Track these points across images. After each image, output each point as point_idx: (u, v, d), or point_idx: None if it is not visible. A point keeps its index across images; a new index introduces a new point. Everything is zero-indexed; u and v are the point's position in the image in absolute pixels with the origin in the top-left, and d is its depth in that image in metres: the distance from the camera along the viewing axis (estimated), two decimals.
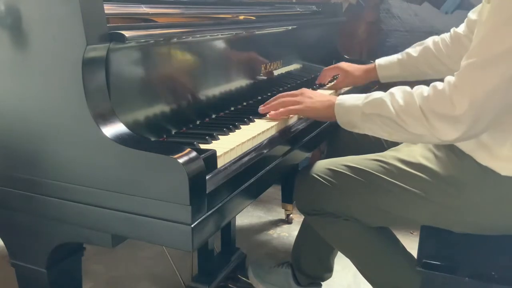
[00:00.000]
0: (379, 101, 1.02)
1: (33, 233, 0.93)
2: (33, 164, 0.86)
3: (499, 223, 1.04)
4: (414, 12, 2.22)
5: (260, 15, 1.54)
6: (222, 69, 1.22)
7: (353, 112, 1.07)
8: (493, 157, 1.00)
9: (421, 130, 0.96)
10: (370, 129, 1.06)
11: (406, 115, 0.97)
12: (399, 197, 1.09)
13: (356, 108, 1.06)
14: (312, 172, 1.20)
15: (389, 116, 1.00)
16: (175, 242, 0.76)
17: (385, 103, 1.00)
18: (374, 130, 1.05)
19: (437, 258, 1.02)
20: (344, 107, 1.09)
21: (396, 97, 0.99)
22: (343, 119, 1.10)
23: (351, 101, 1.08)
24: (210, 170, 0.81)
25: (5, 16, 0.83)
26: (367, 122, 1.05)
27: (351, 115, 1.07)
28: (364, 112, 1.04)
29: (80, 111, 0.78)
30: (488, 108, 0.89)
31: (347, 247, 1.26)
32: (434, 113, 0.93)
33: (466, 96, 0.88)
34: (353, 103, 1.07)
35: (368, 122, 1.04)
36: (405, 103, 0.98)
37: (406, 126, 0.98)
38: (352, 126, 1.09)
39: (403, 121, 0.98)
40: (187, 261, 1.61)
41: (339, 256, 1.38)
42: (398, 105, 0.98)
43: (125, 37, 0.82)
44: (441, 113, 0.92)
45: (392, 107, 0.99)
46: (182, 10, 1.19)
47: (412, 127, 0.97)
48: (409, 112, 0.97)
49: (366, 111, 1.04)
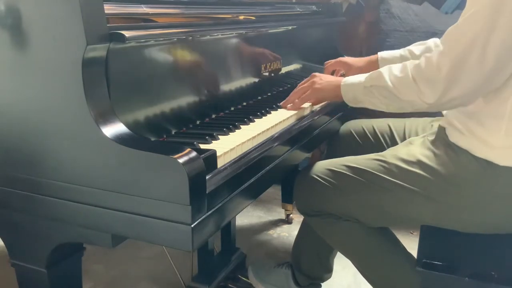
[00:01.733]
0: (377, 74, 1.11)
1: (33, 233, 0.93)
2: (33, 164, 0.86)
3: (500, 220, 1.04)
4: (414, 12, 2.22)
5: (260, 15, 1.55)
6: (222, 69, 1.22)
7: (356, 87, 1.17)
8: (489, 147, 1.00)
9: (411, 96, 1.04)
10: (370, 102, 1.15)
11: (399, 83, 1.06)
12: (400, 196, 1.09)
13: (358, 84, 1.16)
14: (312, 172, 1.20)
15: (385, 85, 1.08)
16: (175, 242, 0.76)
17: (382, 76, 1.09)
18: (373, 102, 1.14)
19: (437, 258, 1.02)
20: (348, 85, 1.20)
21: (393, 69, 1.08)
22: (348, 95, 1.19)
23: (355, 78, 1.19)
24: (210, 170, 0.81)
25: (5, 16, 0.83)
26: (367, 95, 1.14)
27: (354, 91, 1.18)
28: (365, 86, 1.13)
29: (80, 111, 0.78)
30: (466, 68, 0.94)
31: (347, 247, 1.26)
32: (422, 78, 1.01)
33: (446, 55, 0.97)
34: (356, 80, 1.18)
35: (368, 95, 1.13)
36: (400, 73, 1.06)
37: (399, 94, 1.06)
38: (356, 102, 1.19)
39: (397, 89, 1.06)
40: (187, 261, 1.61)
41: (339, 256, 1.38)
42: (393, 76, 1.07)
43: (125, 37, 0.82)
44: (427, 76, 1.00)
45: (388, 78, 1.08)
46: (182, 10, 1.19)
47: (403, 95, 1.05)
48: (402, 80, 1.05)
49: (366, 85, 1.13)
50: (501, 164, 0.99)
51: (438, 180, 1.05)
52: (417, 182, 1.07)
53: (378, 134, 1.43)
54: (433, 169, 1.06)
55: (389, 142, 1.39)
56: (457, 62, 0.95)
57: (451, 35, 0.98)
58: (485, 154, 1.00)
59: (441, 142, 1.09)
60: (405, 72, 1.04)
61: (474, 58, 0.93)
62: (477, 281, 0.96)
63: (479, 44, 0.92)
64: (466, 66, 0.94)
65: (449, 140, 1.07)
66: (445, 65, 0.96)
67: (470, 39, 0.93)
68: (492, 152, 1.00)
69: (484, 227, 1.07)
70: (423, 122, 1.39)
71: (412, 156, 1.10)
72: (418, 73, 1.02)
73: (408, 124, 1.41)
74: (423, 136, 1.21)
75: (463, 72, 0.95)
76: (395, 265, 1.21)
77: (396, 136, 1.39)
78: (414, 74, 1.02)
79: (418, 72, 1.02)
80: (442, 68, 0.96)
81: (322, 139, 1.43)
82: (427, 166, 1.07)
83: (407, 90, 1.04)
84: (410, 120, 1.43)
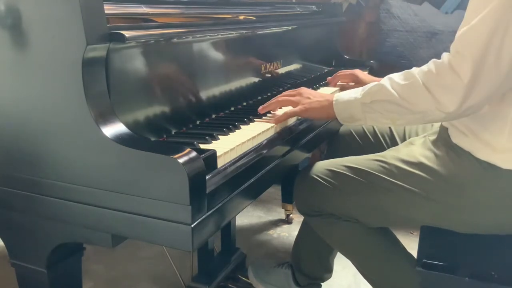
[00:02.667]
0: (378, 87, 1.02)
1: (33, 233, 0.93)
2: (33, 164, 0.86)
3: (501, 222, 1.04)
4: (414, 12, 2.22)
5: (260, 15, 1.54)
6: (222, 69, 1.22)
7: (352, 105, 1.06)
8: (492, 150, 0.99)
9: (425, 106, 0.95)
10: (372, 119, 1.05)
11: (408, 94, 0.97)
12: (400, 197, 1.09)
13: (354, 100, 1.06)
14: (312, 173, 1.20)
15: (390, 99, 0.99)
16: (175, 242, 0.76)
17: (384, 88, 1.00)
18: (376, 119, 1.05)
19: (437, 258, 1.02)
20: (342, 103, 1.09)
21: (396, 80, 1.00)
22: (343, 114, 1.09)
23: (349, 95, 1.08)
24: (210, 170, 0.81)
25: (5, 16, 0.83)
26: (369, 112, 1.04)
27: (351, 109, 1.07)
28: (364, 102, 1.04)
29: (80, 111, 0.78)
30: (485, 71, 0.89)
31: (347, 247, 1.26)
32: (437, 86, 0.93)
33: (465, 59, 0.90)
34: (351, 97, 1.07)
35: (369, 112, 1.04)
36: (405, 82, 0.98)
37: (409, 106, 0.97)
38: (354, 120, 1.09)
39: (405, 100, 0.97)
40: (187, 261, 1.61)
41: (339, 256, 1.38)
42: (399, 86, 0.98)
43: (125, 37, 0.82)
44: (445, 83, 0.92)
45: (392, 89, 0.99)
46: (182, 10, 1.19)
47: (415, 105, 0.97)
48: (411, 90, 0.97)
49: (366, 101, 1.04)
50: (503, 167, 0.98)
51: (438, 181, 1.05)
52: (418, 183, 1.07)
53: (378, 134, 1.43)
54: (434, 170, 1.06)
55: (389, 142, 1.39)
56: (477, 66, 0.89)
57: (466, 39, 0.91)
58: (488, 157, 1.00)
59: (442, 143, 1.09)
60: (413, 80, 0.96)
61: (491, 60, 0.88)
62: (477, 281, 0.96)
63: (494, 45, 0.88)
64: (485, 70, 0.89)
65: (452, 141, 1.06)
66: (467, 71, 0.89)
67: (486, 41, 0.88)
68: (495, 155, 0.99)
69: (484, 228, 1.07)
70: None
71: (412, 157, 1.10)
72: (431, 81, 0.94)
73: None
74: (424, 136, 1.20)
75: (482, 76, 0.89)
76: (395, 265, 1.21)
77: (396, 136, 1.39)
78: (426, 82, 0.94)
79: (432, 80, 0.94)
80: (463, 74, 0.90)
81: (322, 139, 1.43)
82: (427, 167, 1.07)
83: (419, 101, 0.96)
84: None
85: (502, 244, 1.07)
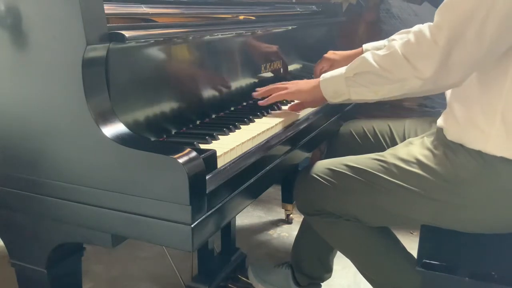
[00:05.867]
0: (360, 60, 1.06)
1: (33, 233, 0.93)
2: (33, 164, 0.86)
3: (500, 219, 1.04)
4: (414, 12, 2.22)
5: (260, 15, 1.54)
6: (222, 69, 1.22)
7: (336, 80, 1.11)
8: (486, 137, 0.99)
9: (403, 74, 0.98)
10: (356, 92, 1.08)
11: (387, 63, 1.01)
12: (400, 196, 1.09)
13: (339, 76, 1.10)
14: (312, 172, 1.20)
15: (371, 69, 1.03)
16: (175, 242, 0.76)
17: (366, 60, 1.04)
18: (360, 92, 1.08)
19: (437, 258, 1.02)
20: (327, 79, 1.13)
21: (377, 52, 1.03)
22: (328, 90, 1.13)
23: (333, 72, 1.13)
24: (210, 170, 0.82)
25: (5, 16, 0.83)
26: (352, 86, 1.08)
27: (335, 84, 1.11)
28: (348, 76, 1.08)
29: (80, 111, 0.78)
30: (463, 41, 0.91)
31: (347, 247, 1.26)
32: (414, 54, 0.96)
33: (442, 28, 0.92)
34: (336, 73, 1.12)
35: (352, 85, 1.07)
36: (386, 53, 1.01)
37: (388, 74, 1.01)
38: (338, 95, 1.12)
39: (385, 70, 1.01)
40: (187, 261, 1.61)
41: (339, 256, 1.38)
42: (378, 57, 1.02)
43: (125, 37, 0.82)
44: (421, 51, 0.95)
45: (373, 61, 1.03)
46: (182, 10, 1.19)
47: (394, 74, 1.00)
48: (390, 59, 1.00)
49: (349, 75, 1.07)
50: (498, 155, 0.98)
51: (437, 180, 1.05)
52: (417, 182, 1.07)
53: (378, 134, 1.43)
54: (432, 169, 1.06)
55: (389, 142, 1.40)
56: (454, 35, 0.91)
57: (447, 8, 0.93)
58: (482, 145, 1.00)
59: (439, 143, 1.09)
60: (392, 50, 1.00)
61: (472, 32, 0.89)
62: (477, 281, 0.96)
63: (478, 18, 0.88)
64: (463, 40, 0.90)
65: (447, 140, 1.07)
66: (442, 38, 0.92)
67: (468, 12, 0.89)
68: (488, 142, 0.99)
69: (484, 226, 1.07)
70: (423, 123, 1.39)
71: (411, 156, 1.10)
72: (409, 50, 0.97)
73: (408, 125, 1.41)
74: (422, 137, 1.21)
75: (460, 45, 0.91)
76: (395, 265, 1.21)
77: (396, 137, 1.40)
78: (404, 51, 0.98)
79: (409, 48, 0.97)
80: (438, 41, 0.92)
81: (322, 139, 1.43)
82: (426, 166, 1.07)
83: (397, 69, 0.99)
84: (410, 120, 1.43)
85: (502, 244, 1.07)
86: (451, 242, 1.08)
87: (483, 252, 1.05)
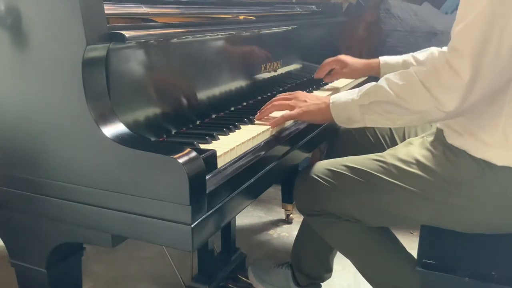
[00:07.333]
0: (375, 88, 1.01)
1: (33, 233, 0.93)
2: (33, 164, 0.86)
3: (499, 220, 1.04)
4: (414, 12, 2.22)
5: (260, 15, 1.54)
6: (222, 69, 1.22)
7: (350, 107, 1.05)
8: (487, 147, 0.99)
9: (424, 105, 0.95)
10: (371, 120, 1.04)
11: (407, 93, 0.96)
12: (399, 197, 1.09)
13: (352, 102, 1.05)
14: (312, 173, 1.20)
15: (388, 99, 0.99)
16: (175, 242, 0.76)
17: (382, 88, 1.00)
18: (376, 120, 1.04)
19: (437, 258, 1.02)
20: (339, 105, 1.08)
21: (393, 80, 0.99)
22: (341, 116, 1.08)
23: (346, 96, 1.07)
24: (210, 170, 0.81)
25: (5, 16, 0.83)
26: (367, 114, 1.03)
27: (348, 111, 1.06)
28: (362, 104, 1.03)
29: (80, 111, 0.78)
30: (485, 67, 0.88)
31: (347, 247, 1.26)
32: (437, 85, 0.92)
33: (464, 57, 0.89)
34: (348, 98, 1.06)
35: (368, 113, 1.03)
36: (404, 82, 0.97)
37: (408, 105, 0.97)
38: (352, 122, 1.07)
39: (404, 100, 0.97)
40: (187, 261, 1.61)
41: (339, 256, 1.38)
42: (396, 86, 0.98)
43: (125, 37, 0.82)
44: (445, 83, 0.91)
45: (390, 90, 0.98)
46: (182, 10, 1.19)
47: (415, 105, 0.96)
48: (410, 89, 0.96)
49: (364, 102, 1.03)
50: (498, 164, 0.98)
51: (437, 180, 1.05)
52: (416, 183, 1.07)
53: (378, 134, 1.43)
54: (431, 170, 1.06)
55: (389, 143, 1.40)
56: (476, 64, 0.88)
57: (463, 36, 0.90)
58: (483, 154, 1.00)
59: (439, 143, 1.09)
60: (411, 79, 0.96)
61: (491, 55, 0.87)
62: (477, 281, 0.96)
63: (494, 40, 0.87)
64: (485, 66, 0.88)
65: (447, 142, 1.07)
66: (467, 69, 0.88)
67: (484, 36, 0.87)
68: (490, 152, 0.99)
69: (483, 227, 1.07)
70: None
71: (410, 157, 1.10)
72: (430, 80, 0.93)
73: None
74: (422, 137, 1.21)
75: (483, 73, 0.88)
76: (395, 265, 1.21)
77: (396, 137, 1.40)
78: (425, 81, 0.94)
79: (430, 79, 0.93)
80: (463, 73, 0.89)
81: (322, 139, 1.43)
82: (425, 167, 1.07)
83: (418, 100, 0.95)
84: None
85: (502, 244, 1.07)
86: (451, 242, 1.08)
87: (483, 252, 1.05)
